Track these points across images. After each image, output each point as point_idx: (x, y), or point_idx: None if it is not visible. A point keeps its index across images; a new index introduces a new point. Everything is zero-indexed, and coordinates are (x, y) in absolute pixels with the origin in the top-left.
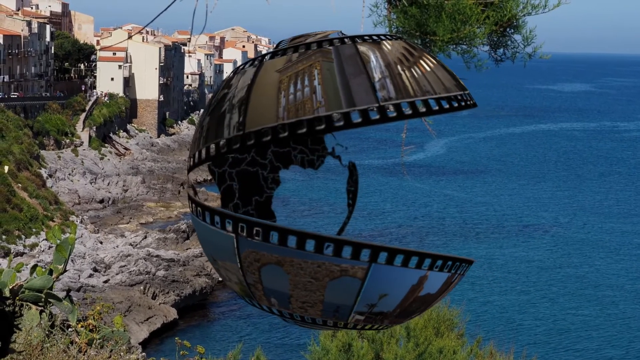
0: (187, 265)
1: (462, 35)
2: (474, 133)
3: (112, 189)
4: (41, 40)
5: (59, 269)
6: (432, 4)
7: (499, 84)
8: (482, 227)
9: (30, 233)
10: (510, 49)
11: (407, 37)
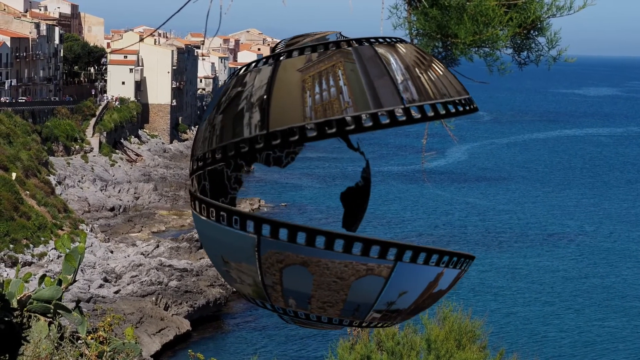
0: (200, 275)
1: (485, 37)
2: (497, 139)
3: (123, 196)
4: (50, 42)
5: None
6: (454, 6)
7: (523, 88)
8: (505, 236)
9: (39, 242)
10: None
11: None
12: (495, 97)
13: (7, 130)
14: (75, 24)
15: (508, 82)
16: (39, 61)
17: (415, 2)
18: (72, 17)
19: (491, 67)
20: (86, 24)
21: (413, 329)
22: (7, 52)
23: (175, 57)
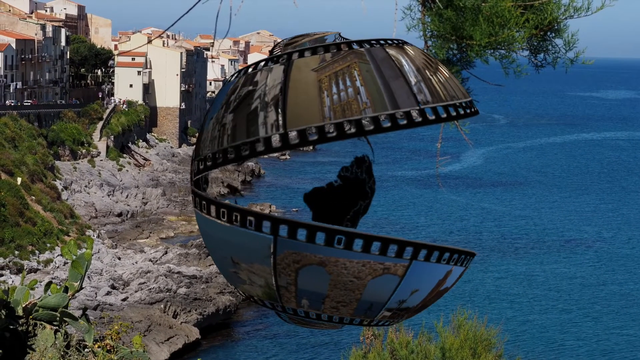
0: (210, 282)
1: (501, 39)
2: (513, 143)
3: (130, 201)
4: (56, 44)
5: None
6: (469, 7)
7: (539, 91)
8: (521, 242)
9: (45, 248)
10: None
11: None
12: (511, 100)
13: (13, 134)
14: (82, 25)
15: (524, 84)
16: (45, 63)
17: (429, 3)
18: (79, 18)
19: (507, 69)
20: (93, 25)
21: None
22: (12, 54)
23: (184, 59)
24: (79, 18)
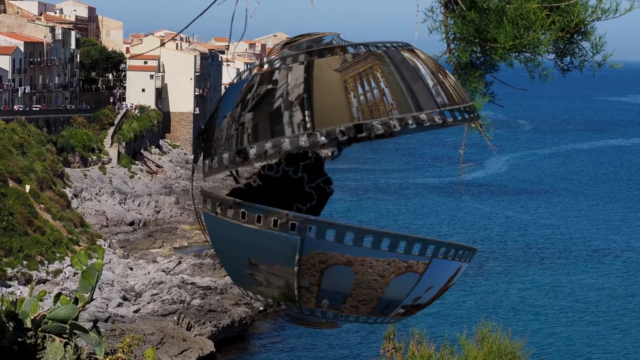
0: (225, 293)
1: (526, 42)
2: (538, 149)
3: (143, 210)
4: (66, 47)
5: (85, 298)
6: (493, 8)
7: (566, 96)
8: (547, 251)
9: (54, 258)
10: (577, 57)
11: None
12: (537, 105)
13: (21, 140)
14: (93, 27)
15: (550, 89)
16: (54, 67)
17: (452, 5)
18: (89, 20)
19: (532, 73)
20: (104, 27)
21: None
22: (20, 57)
23: (198, 62)
24: (89, 20)
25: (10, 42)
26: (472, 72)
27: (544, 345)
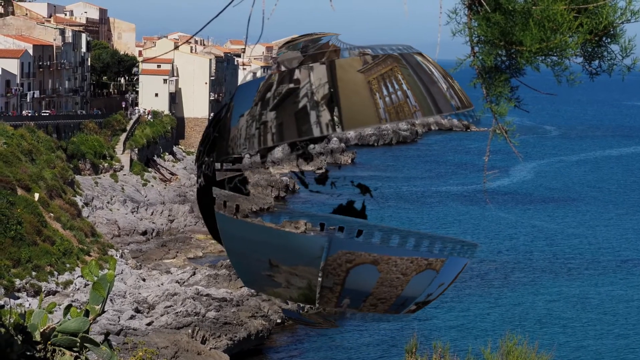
0: (241, 305)
1: (553, 45)
2: (566, 156)
3: (156, 219)
4: (76, 50)
5: (96, 310)
6: (518, 10)
7: (594, 100)
8: (574, 262)
9: (64, 269)
10: (606, 60)
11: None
12: (564, 110)
13: (30, 146)
14: (104, 30)
15: (578, 93)
16: (64, 71)
17: (476, 7)
18: (101, 22)
19: (559, 77)
20: (116, 30)
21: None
22: (29, 60)
23: (213, 66)
24: (100, 22)
25: (19, 45)
26: (497, 76)
27: (571, 358)
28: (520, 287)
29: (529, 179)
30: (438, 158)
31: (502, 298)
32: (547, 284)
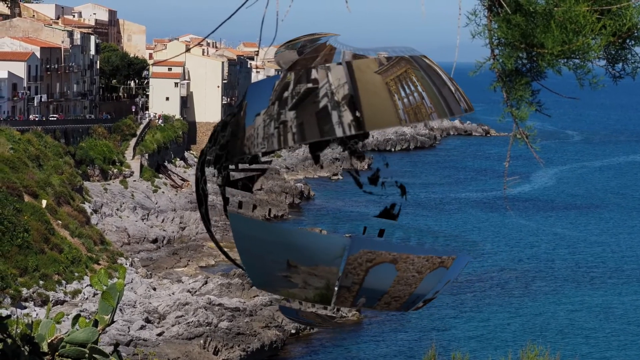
0: (254, 315)
1: (575, 47)
2: (588, 161)
3: (167, 226)
4: (85, 53)
5: (105, 320)
6: (540, 11)
7: (618, 104)
8: (597, 271)
9: (72, 278)
10: (630, 63)
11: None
12: (587, 115)
13: (37, 152)
14: (114, 32)
15: (601, 97)
16: (73, 74)
17: (496, 8)
18: (110, 24)
19: (582, 80)
20: (126, 32)
21: None
22: (36, 63)
23: (226, 69)
24: (109, 24)
25: (26, 47)
26: (518, 79)
27: None
28: (542, 296)
29: (550, 186)
30: (457, 164)
31: (523, 308)
32: (570, 293)
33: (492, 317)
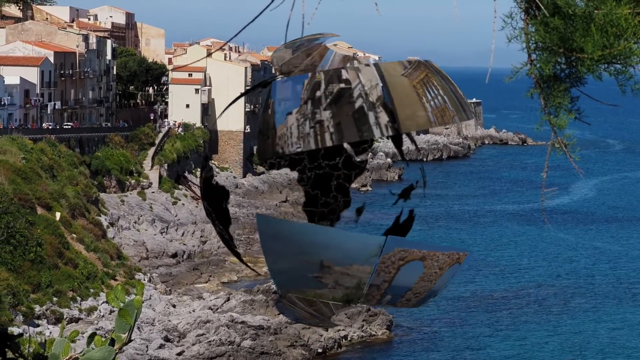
0: (279, 333)
1: (616, 52)
2: (630, 172)
3: (187, 240)
4: (101, 58)
5: (122, 339)
6: (579, 14)
7: None
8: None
9: (87, 294)
10: None
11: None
12: (629, 123)
13: (51, 162)
14: (131, 36)
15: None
16: (88, 80)
17: (533, 10)
18: (127, 27)
19: (624, 87)
20: (144, 36)
21: None
22: (50, 69)
23: (249, 75)
24: (127, 27)
25: (39, 52)
26: (556, 85)
27: None
28: (581, 313)
29: (590, 197)
30: (492, 174)
31: (561, 326)
32: (610, 311)
33: (529, 336)
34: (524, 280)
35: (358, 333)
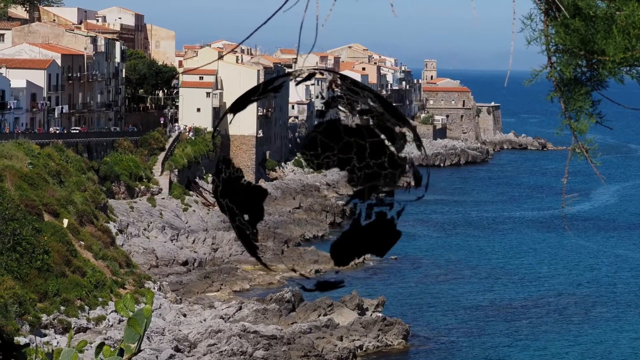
0: (292, 343)
1: (638, 54)
2: None
3: (198, 247)
4: (109, 61)
5: (131, 349)
6: (600, 16)
7: None
8: None
9: (96, 303)
10: None
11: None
12: None
13: (58, 167)
14: (141, 38)
15: None
16: (96, 83)
17: (553, 12)
18: (137, 29)
19: None
20: (153, 38)
21: None
22: (57, 72)
23: (262, 78)
24: (136, 29)
25: (46, 54)
26: (577, 89)
27: None
28: (603, 323)
29: (612, 204)
30: (511, 180)
31: (582, 335)
32: (633, 320)
33: (549, 346)
34: (543, 289)
35: (374, 343)
